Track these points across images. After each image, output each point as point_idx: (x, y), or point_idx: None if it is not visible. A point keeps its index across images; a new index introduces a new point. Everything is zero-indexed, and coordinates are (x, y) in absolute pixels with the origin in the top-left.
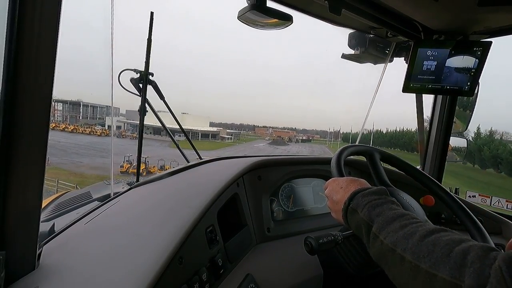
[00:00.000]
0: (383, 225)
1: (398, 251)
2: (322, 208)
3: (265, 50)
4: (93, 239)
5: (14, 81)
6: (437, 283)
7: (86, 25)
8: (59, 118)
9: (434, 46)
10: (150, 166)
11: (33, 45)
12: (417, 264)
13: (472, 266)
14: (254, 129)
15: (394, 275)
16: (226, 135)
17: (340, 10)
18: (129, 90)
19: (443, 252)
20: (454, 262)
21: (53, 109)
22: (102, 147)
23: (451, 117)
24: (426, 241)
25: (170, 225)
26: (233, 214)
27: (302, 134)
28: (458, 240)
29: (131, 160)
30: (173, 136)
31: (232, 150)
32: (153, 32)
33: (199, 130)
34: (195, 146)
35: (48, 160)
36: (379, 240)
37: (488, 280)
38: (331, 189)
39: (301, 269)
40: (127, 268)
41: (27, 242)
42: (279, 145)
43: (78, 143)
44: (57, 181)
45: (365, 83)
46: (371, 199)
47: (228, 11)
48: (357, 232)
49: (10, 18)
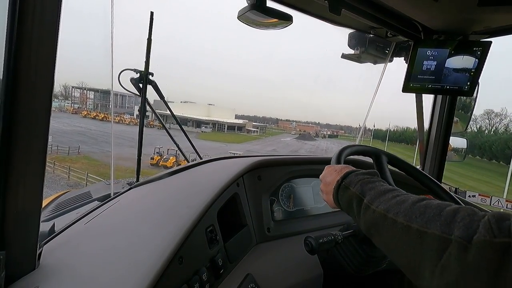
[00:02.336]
0: (375, 196)
1: (390, 215)
2: (322, 208)
3: (287, 46)
4: (93, 239)
5: (14, 80)
6: (427, 239)
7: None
8: (90, 106)
9: (434, 46)
10: (181, 159)
11: (33, 45)
12: (408, 225)
13: (462, 221)
14: (278, 122)
15: (385, 240)
16: (252, 128)
17: (340, 10)
18: (129, 90)
19: (434, 212)
20: (444, 220)
21: (85, 97)
22: (131, 136)
23: (451, 117)
24: (418, 205)
25: (170, 225)
26: (233, 214)
27: (326, 129)
28: (448, 204)
29: (161, 152)
30: (199, 127)
31: (259, 144)
32: (182, 26)
33: (225, 122)
34: (221, 139)
35: (79, 149)
36: (371, 209)
37: (476, 231)
38: (325, 173)
39: (301, 269)
40: (127, 268)
41: (27, 242)
42: (307, 140)
43: (108, 131)
44: (87, 175)
45: (397, 78)
46: (364, 177)
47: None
48: (346, 208)
49: (10, 18)
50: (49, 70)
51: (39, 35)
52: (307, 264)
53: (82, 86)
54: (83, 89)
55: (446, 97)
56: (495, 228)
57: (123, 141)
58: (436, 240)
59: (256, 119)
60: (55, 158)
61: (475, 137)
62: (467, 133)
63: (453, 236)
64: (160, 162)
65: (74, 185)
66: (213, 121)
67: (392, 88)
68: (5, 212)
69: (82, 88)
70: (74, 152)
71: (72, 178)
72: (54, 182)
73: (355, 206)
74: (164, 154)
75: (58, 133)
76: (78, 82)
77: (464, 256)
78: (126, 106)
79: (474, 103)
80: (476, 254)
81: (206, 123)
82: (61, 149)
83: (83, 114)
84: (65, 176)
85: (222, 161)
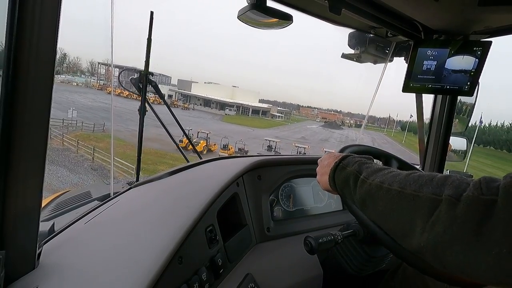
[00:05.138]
0: (371, 172)
1: (385, 185)
2: (322, 208)
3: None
4: (92, 238)
5: (14, 80)
6: (420, 201)
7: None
8: (115, 84)
9: (434, 46)
10: (211, 144)
11: (32, 45)
12: (402, 191)
13: (452, 184)
14: (299, 108)
15: (379, 207)
16: (276, 113)
17: (340, 9)
18: (129, 89)
19: (427, 179)
20: (436, 184)
21: (111, 74)
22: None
23: (451, 117)
24: (412, 175)
25: (170, 224)
26: (233, 214)
27: (349, 118)
28: (439, 174)
29: (190, 134)
30: (223, 109)
31: (286, 130)
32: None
33: (250, 105)
34: (246, 123)
35: (104, 126)
36: (367, 183)
37: (466, 189)
38: (324, 157)
39: (301, 268)
40: (127, 268)
41: (27, 242)
42: (334, 129)
43: (132, 109)
44: (112, 158)
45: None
46: (361, 159)
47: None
48: (341, 184)
49: (10, 18)
50: (49, 70)
51: (39, 36)
52: (307, 264)
53: (108, 63)
54: (108, 66)
55: (446, 97)
56: (484, 187)
57: (148, 121)
58: (428, 201)
59: (277, 104)
60: (79, 136)
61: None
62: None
63: (443, 196)
64: (189, 146)
65: (99, 168)
66: (238, 104)
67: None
68: (4, 212)
69: (107, 64)
70: (99, 129)
71: (96, 160)
72: (78, 164)
73: (352, 182)
74: (194, 137)
75: (83, 108)
76: (104, 59)
77: (453, 210)
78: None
79: (474, 103)
80: (464, 207)
81: (230, 105)
82: (86, 126)
83: (108, 90)
84: (89, 158)
85: (222, 161)
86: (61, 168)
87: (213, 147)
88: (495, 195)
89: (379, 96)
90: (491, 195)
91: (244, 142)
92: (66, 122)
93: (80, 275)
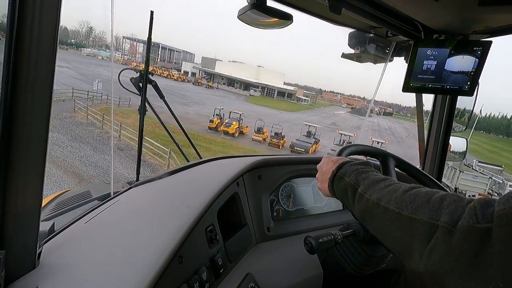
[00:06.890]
0: (369, 185)
1: (382, 204)
2: (322, 208)
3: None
4: (93, 238)
5: (14, 78)
6: (417, 225)
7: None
8: (139, 59)
9: (434, 45)
10: (243, 126)
11: (32, 45)
12: (399, 212)
13: (448, 208)
14: (321, 93)
15: (378, 226)
16: (302, 96)
17: (340, 9)
18: (129, 89)
19: (423, 200)
20: (432, 207)
21: (135, 49)
22: (181, 93)
23: (451, 117)
24: (408, 194)
25: (170, 224)
26: (233, 214)
27: (373, 105)
28: (436, 191)
29: (222, 114)
30: (247, 89)
31: (314, 115)
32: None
33: (276, 87)
34: (272, 105)
35: (130, 100)
36: (364, 198)
37: (461, 217)
38: (322, 163)
39: (301, 268)
40: (127, 268)
41: (27, 241)
42: (362, 116)
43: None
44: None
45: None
46: (358, 167)
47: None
48: (341, 196)
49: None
50: (49, 70)
51: (39, 35)
52: (307, 264)
53: (133, 37)
54: (133, 40)
55: (446, 97)
56: (479, 214)
57: (174, 98)
58: (425, 226)
59: (298, 87)
60: (105, 110)
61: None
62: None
63: (440, 222)
64: (220, 127)
65: (126, 148)
66: (262, 85)
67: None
68: (5, 211)
69: (132, 39)
70: (125, 104)
71: (123, 138)
72: (102, 141)
73: (350, 195)
74: (225, 118)
75: (109, 82)
76: (129, 34)
77: (449, 239)
78: (174, 61)
79: (474, 103)
80: (460, 237)
81: (255, 86)
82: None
83: (133, 65)
84: (115, 134)
85: (222, 160)
86: (84, 145)
87: (245, 130)
88: (490, 223)
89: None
90: (486, 222)
91: (282, 126)
92: (91, 94)
93: (80, 275)
